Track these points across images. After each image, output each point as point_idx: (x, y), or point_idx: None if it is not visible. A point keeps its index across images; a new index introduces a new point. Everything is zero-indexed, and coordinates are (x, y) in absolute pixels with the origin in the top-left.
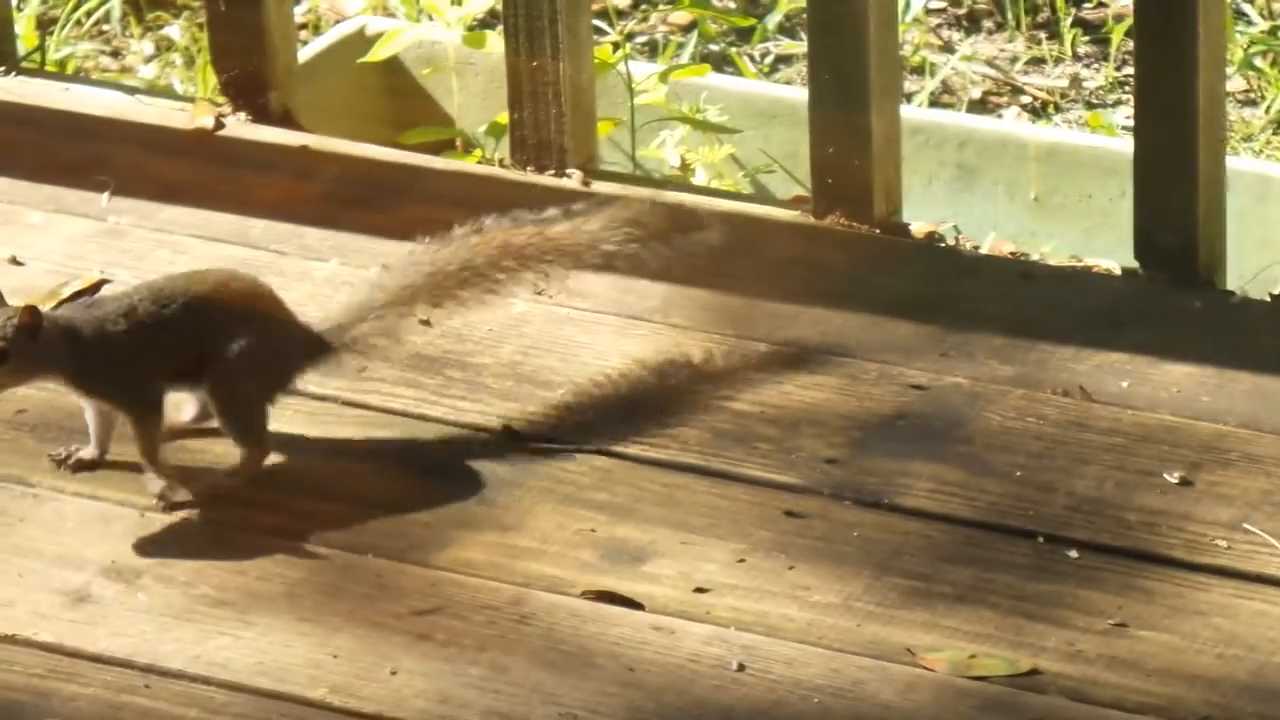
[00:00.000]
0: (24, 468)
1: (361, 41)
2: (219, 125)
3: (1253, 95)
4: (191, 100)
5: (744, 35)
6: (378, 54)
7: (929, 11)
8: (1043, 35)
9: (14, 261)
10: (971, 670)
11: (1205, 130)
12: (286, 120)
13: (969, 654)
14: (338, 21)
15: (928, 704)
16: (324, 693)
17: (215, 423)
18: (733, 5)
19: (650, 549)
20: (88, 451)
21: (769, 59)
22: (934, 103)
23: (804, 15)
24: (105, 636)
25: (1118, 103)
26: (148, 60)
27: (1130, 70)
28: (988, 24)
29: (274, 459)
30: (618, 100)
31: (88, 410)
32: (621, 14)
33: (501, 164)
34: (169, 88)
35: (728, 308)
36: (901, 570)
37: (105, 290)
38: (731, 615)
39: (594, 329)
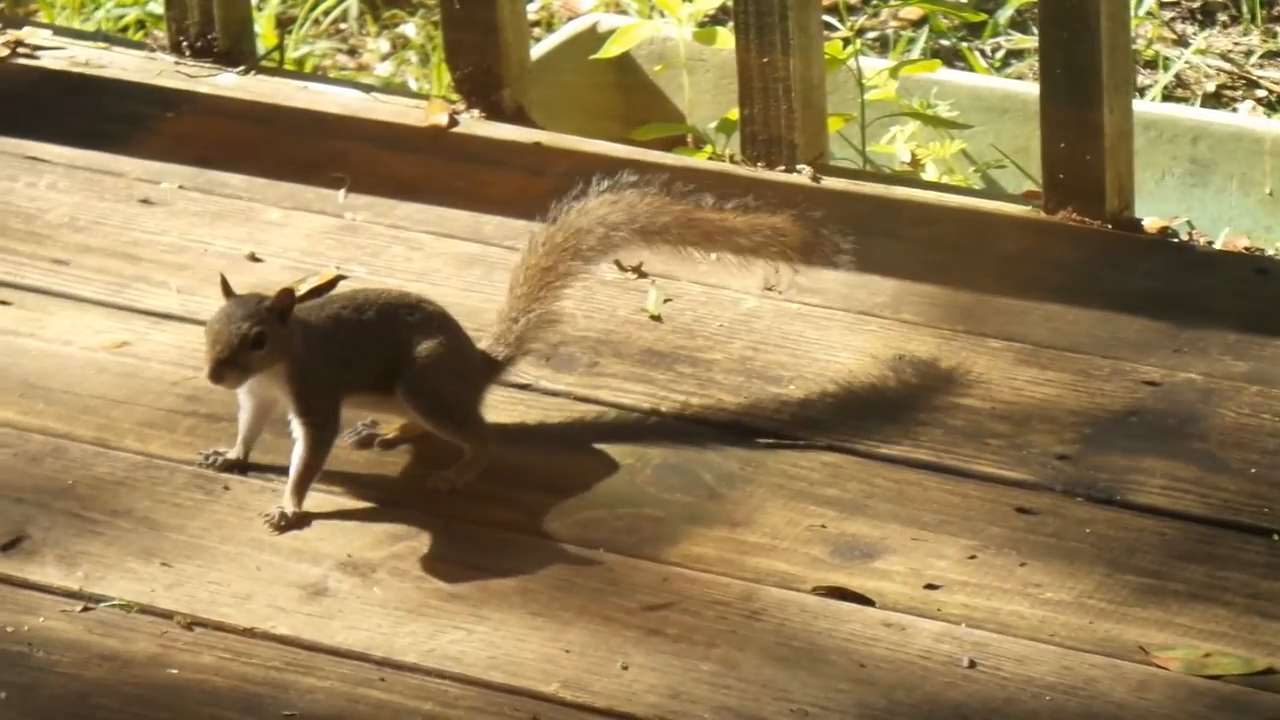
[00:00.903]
0: (263, 462)
1: (593, 38)
2: (453, 122)
3: None
4: (426, 97)
5: (975, 30)
6: (610, 51)
7: (1162, 5)
8: (1278, 28)
9: (252, 258)
10: (1206, 669)
11: None
12: (519, 117)
13: (1203, 652)
14: (570, 19)
15: (1162, 703)
16: (556, 687)
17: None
18: (964, 0)
19: (881, 545)
20: (235, 452)
21: (1000, 54)
22: (1167, 97)
23: (1036, 10)
24: (341, 630)
25: None
26: (384, 58)
27: None
28: (1222, 17)
29: (506, 454)
30: (848, 96)
31: (245, 410)
32: (852, 9)
33: (732, 160)
34: (404, 85)
35: (958, 303)
36: (1134, 568)
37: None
38: (963, 612)
39: (824, 325)
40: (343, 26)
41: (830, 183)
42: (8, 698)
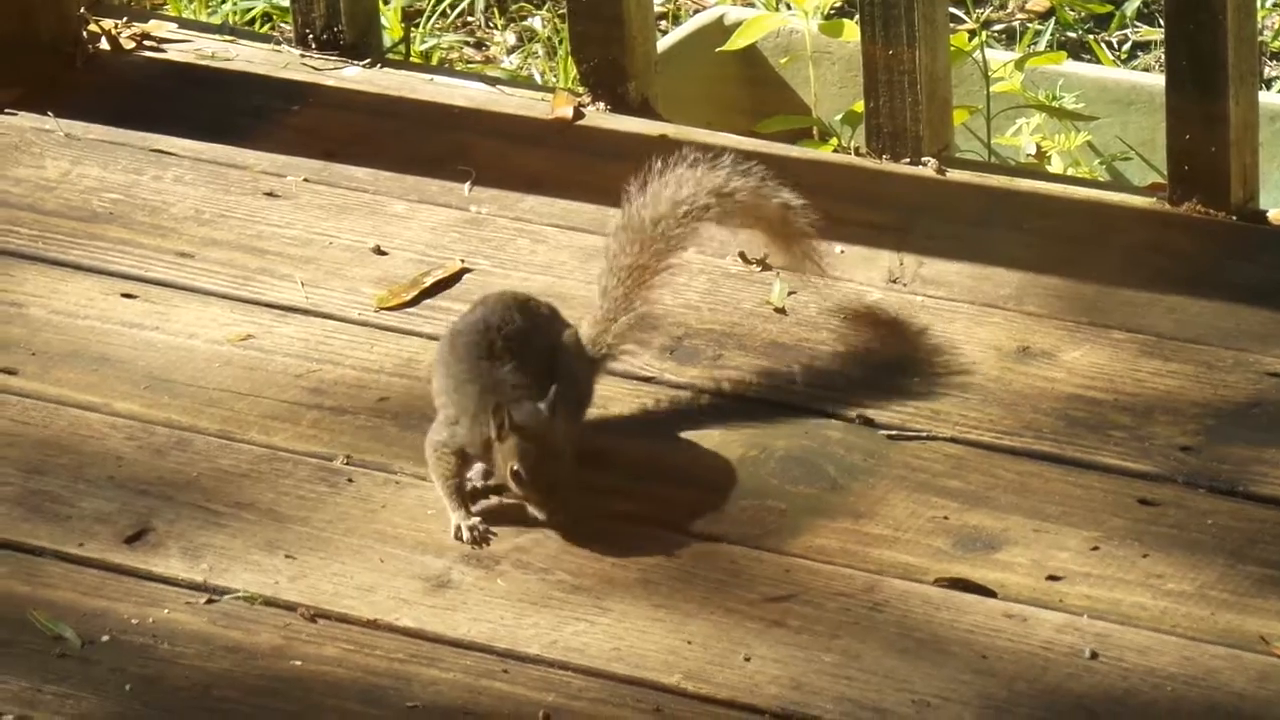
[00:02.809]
0: (387, 455)
1: (720, 30)
2: (578, 115)
3: None
4: (552, 90)
5: (1102, 22)
6: (736, 43)
7: None
8: None
9: (378, 251)
10: None
11: None
12: (645, 110)
13: None
14: (697, 11)
15: None
16: (678, 679)
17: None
18: None
19: (1003, 537)
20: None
21: (1127, 46)
22: None
23: (1162, 1)
24: (465, 622)
25: None
26: (510, 51)
27: None
28: None
29: (629, 446)
30: (973, 88)
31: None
32: (978, 1)
33: (857, 152)
34: (530, 78)
35: (1082, 295)
36: (1257, 558)
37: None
38: (1084, 603)
39: (948, 317)
40: (469, 19)
41: (955, 175)
42: (132, 689)
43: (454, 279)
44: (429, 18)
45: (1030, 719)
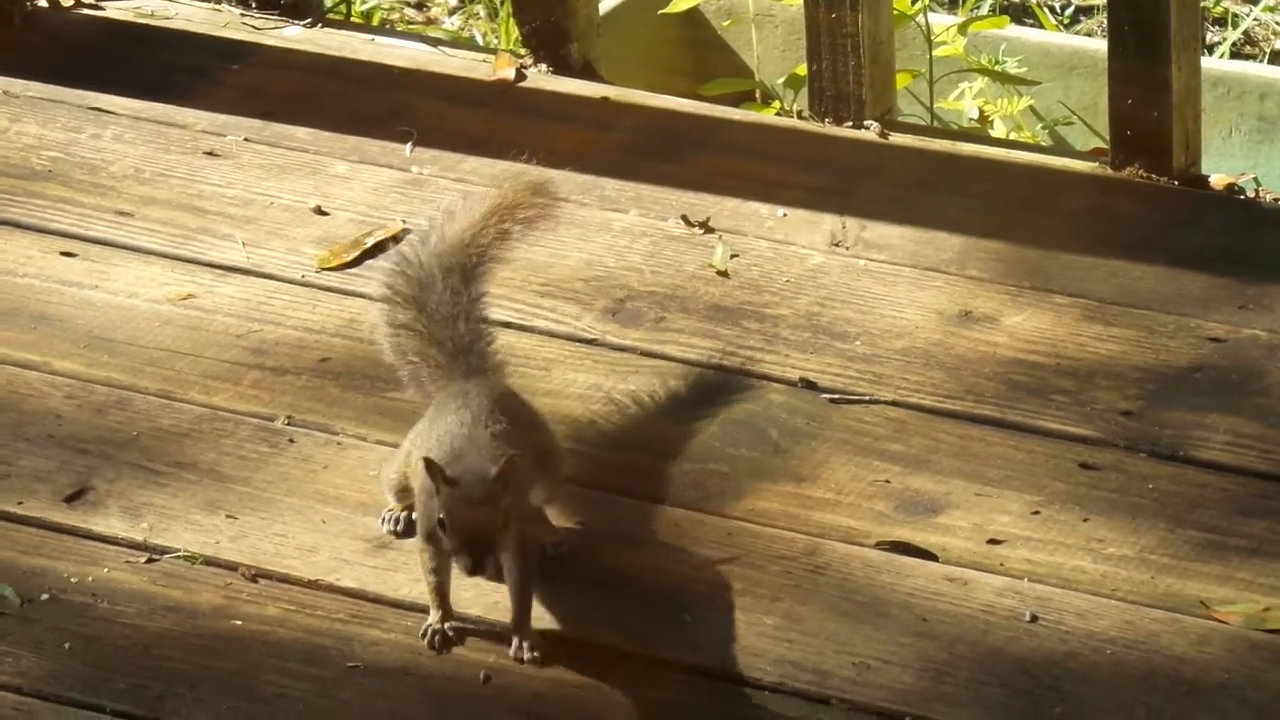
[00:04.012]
0: (328, 415)
1: None
2: (520, 77)
3: None
4: (493, 52)
5: None
6: (678, 5)
7: None
8: None
9: (319, 211)
10: (1265, 623)
11: None
12: (587, 72)
13: (1263, 607)
14: None
15: (1221, 656)
16: (620, 640)
17: None
18: None
19: (945, 500)
20: (440, 618)
21: (1069, 10)
22: (1235, 54)
23: None
24: (406, 583)
25: None
26: (451, 12)
27: None
28: None
29: (571, 409)
30: (916, 52)
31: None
32: None
33: (800, 116)
34: (471, 39)
35: (1024, 259)
36: (1196, 523)
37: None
38: (1025, 567)
39: (891, 280)
40: None
41: (897, 139)
42: (72, 648)
43: (395, 239)
44: None
45: (970, 682)
